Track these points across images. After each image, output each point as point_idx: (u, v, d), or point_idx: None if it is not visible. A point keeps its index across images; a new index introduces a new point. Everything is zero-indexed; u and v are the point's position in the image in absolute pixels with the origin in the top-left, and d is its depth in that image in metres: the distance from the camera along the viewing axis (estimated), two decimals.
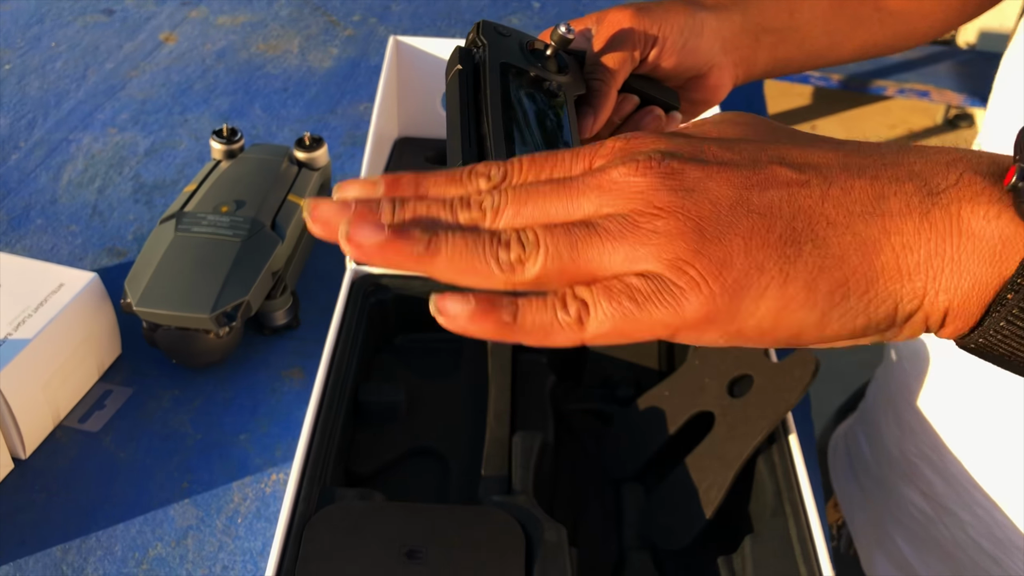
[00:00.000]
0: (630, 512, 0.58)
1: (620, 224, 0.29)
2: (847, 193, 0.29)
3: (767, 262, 0.28)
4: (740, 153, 0.31)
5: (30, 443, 0.63)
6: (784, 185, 0.29)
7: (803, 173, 0.30)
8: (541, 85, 0.50)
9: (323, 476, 0.52)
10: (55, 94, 1.00)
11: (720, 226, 0.29)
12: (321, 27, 1.15)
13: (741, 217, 0.29)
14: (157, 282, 0.65)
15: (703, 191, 0.29)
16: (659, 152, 0.30)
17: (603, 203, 0.30)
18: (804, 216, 0.29)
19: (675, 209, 0.29)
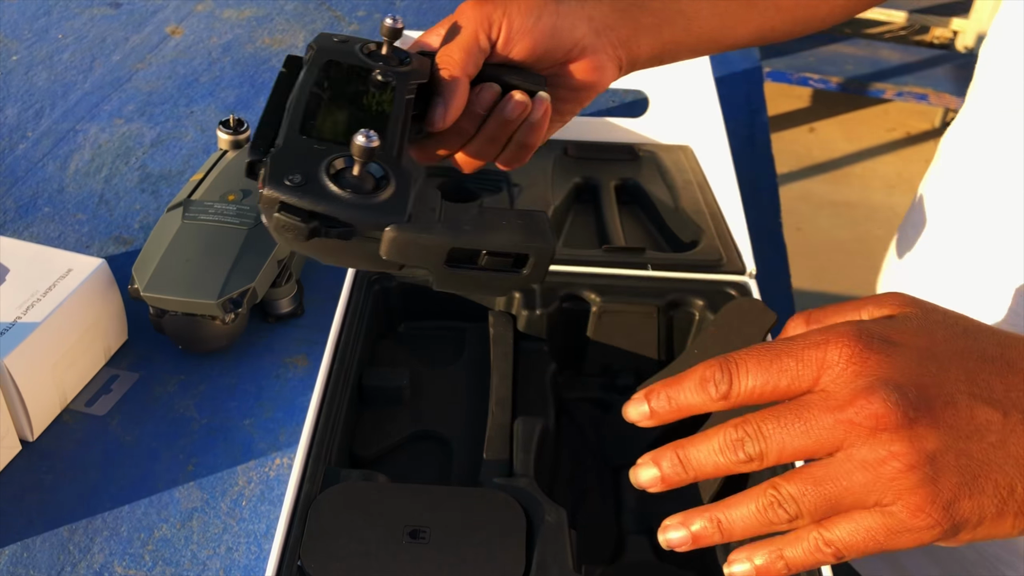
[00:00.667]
0: (629, 497, 0.59)
1: (864, 471, 0.35)
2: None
3: (987, 506, 0.35)
4: (956, 384, 0.36)
5: (38, 425, 0.64)
6: (996, 432, 0.35)
7: (1008, 418, 0.35)
8: (368, 77, 0.50)
9: (328, 457, 0.53)
10: (62, 85, 1.01)
11: (947, 478, 0.34)
12: (326, 22, 1.16)
13: (964, 468, 0.34)
14: (164, 268, 0.66)
15: (932, 441, 0.34)
16: (894, 391, 0.35)
17: (847, 442, 0.35)
18: (1014, 462, 0.35)
19: (913, 463, 0.34)
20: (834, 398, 0.35)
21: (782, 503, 0.36)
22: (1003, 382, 0.36)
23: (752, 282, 0.66)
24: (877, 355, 0.35)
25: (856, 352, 0.36)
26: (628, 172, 0.84)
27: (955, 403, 0.35)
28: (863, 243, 2.46)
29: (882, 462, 0.34)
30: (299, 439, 0.64)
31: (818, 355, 0.36)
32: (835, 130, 2.90)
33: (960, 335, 0.37)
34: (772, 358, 0.37)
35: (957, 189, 0.65)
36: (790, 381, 0.36)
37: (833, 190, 2.65)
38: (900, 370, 0.35)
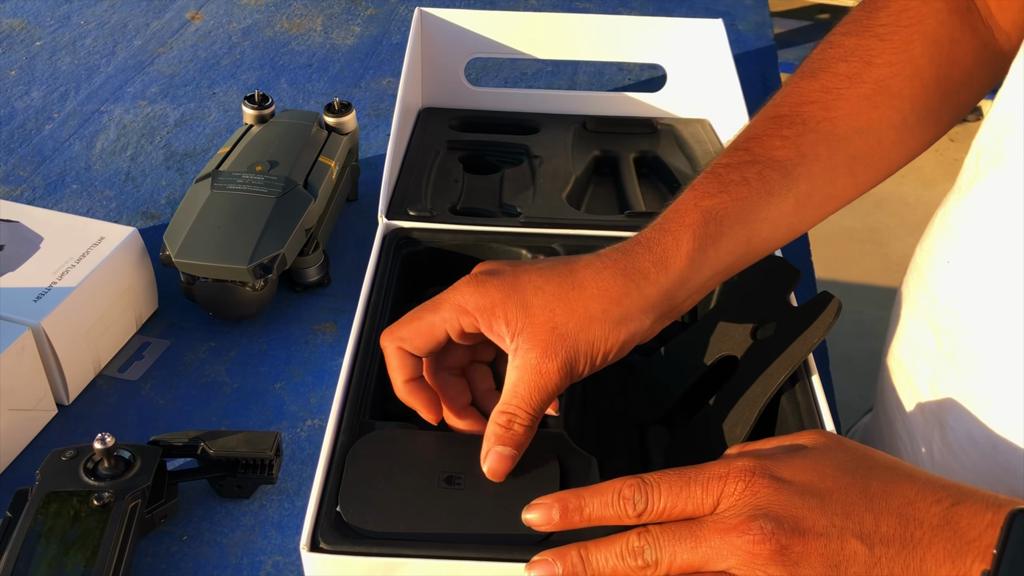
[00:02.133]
0: (656, 453, 0.60)
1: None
2: (905, 572, 0.39)
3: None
4: (831, 517, 0.40)
5: (73, 389, 0.65)
6: (863, 564, 0.39)
7: (874, 551, 0.39)
8: (87, 502, 0.53)
9: (363, 410, 0.54)
10: (86, 68, 1.02)
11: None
12: (343, 7, 1.17)
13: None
14: (195, 235, 0.67)
15: (803, 568, 0.39)
16: (771, 521, 0.40)
17: (730, 563, 0.40)
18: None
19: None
20: (724, 523, 0.41)
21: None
22: (874, 518, 0.40)
23: None
24: (765, 490, 0.41)
25: (748, 486, 0.41)
26: (647, 145, 0.85)
27: (827, 535, 0.40)
28: (874, 232, 2.46)
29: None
30: (330, 402, 0.65)
31: (719, 486, 0.42)
32: None
33: (848, 472, 0.42)
34: (683, 485, 0.42)
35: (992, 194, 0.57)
36: (695, 507, 0.42)
37: None
38: (782, 503, 0.40)
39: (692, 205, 0.51)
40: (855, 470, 0.42)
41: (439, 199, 0.73)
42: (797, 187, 0.52)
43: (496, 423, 0.48)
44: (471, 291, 0.49)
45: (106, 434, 0.54)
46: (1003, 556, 0.38)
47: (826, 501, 0.41)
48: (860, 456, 0.43)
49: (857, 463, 0.43)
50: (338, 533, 0.46)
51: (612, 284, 0.49)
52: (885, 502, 0.40)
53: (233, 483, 0.59)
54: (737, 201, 0.51)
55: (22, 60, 1.03)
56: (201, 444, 0.57)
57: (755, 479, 0.41)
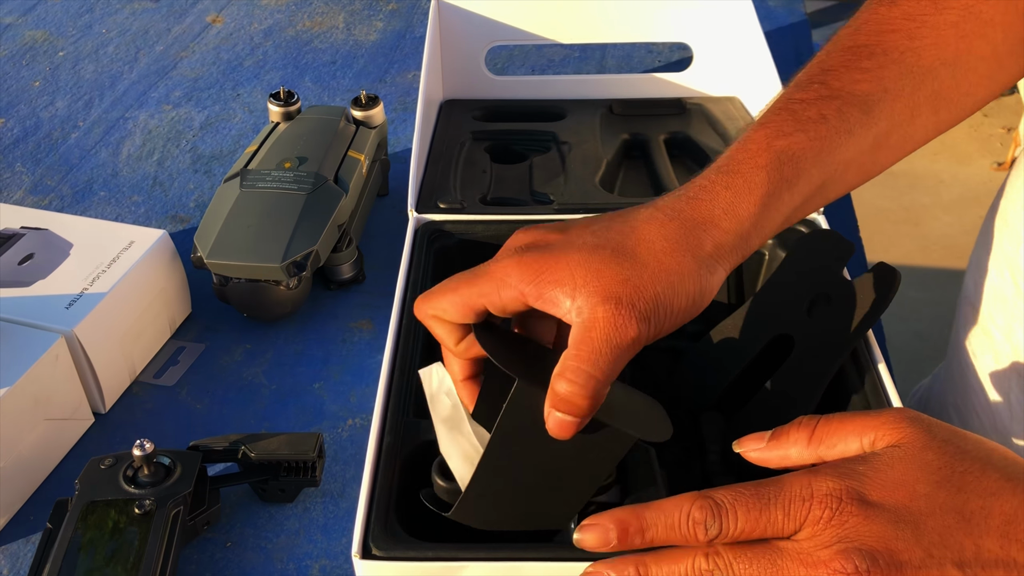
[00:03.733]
0: (711, 440, 0.57)
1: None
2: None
3: None
4: (928, 548, 0.36)
5: (109, 397, 0.64)
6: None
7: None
8: (128, 510, 0.52)
9: (405, 409, 0.52)
10: (109, 76, 1.01)
11: None
12: (364, 3, 1.15)
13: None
14: (226, 235, 0.66)
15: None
16: (866, 558, 0.35)
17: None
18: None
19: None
20: (809, 556, 0.36)
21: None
22: (974, 543, 0.36)
23: (821, 217, 0.64)
24: (855, 519, 0.36)
25: (837, 514, 0.36)
26: (676, 125, 0.82)
27: (926, 567, 0.36)
28: (909, 211, 2.41)
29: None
30: (370, 401, 0.63)
31: (803, 511, 0.36)
32: None
33: (943, 486, 0.37)
34: (762, 508, 0.37)
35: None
36: (774, 531, 0.37)
37: None
38: (876, 535, 0.36)
39: (765, 145, 0.46)
40: (950, 480, 0.37)
41: (468, 190, 0.71)
42: (877, 126, 0.48)
43: (554, 389, 0.41)
44: (514, 262, 0.42)
45: (145, 440, 0.53)
46: None
47: (921, 529, 0.36)
48: (951, 455, 0.38)
49: (950, 469, 0.38)
50: (391, 538, 0.45)
51: (680, 235, 0.43)
52: (985, 523, 0.36)
53: (276, 487, 0.57)
54: (815, 142, 0.46)
55: (46, 71, 1.02)
56: (242, 448, 0.56)
57: (843, 505, 0.36)
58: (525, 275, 0.42)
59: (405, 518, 0.47)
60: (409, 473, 0.50)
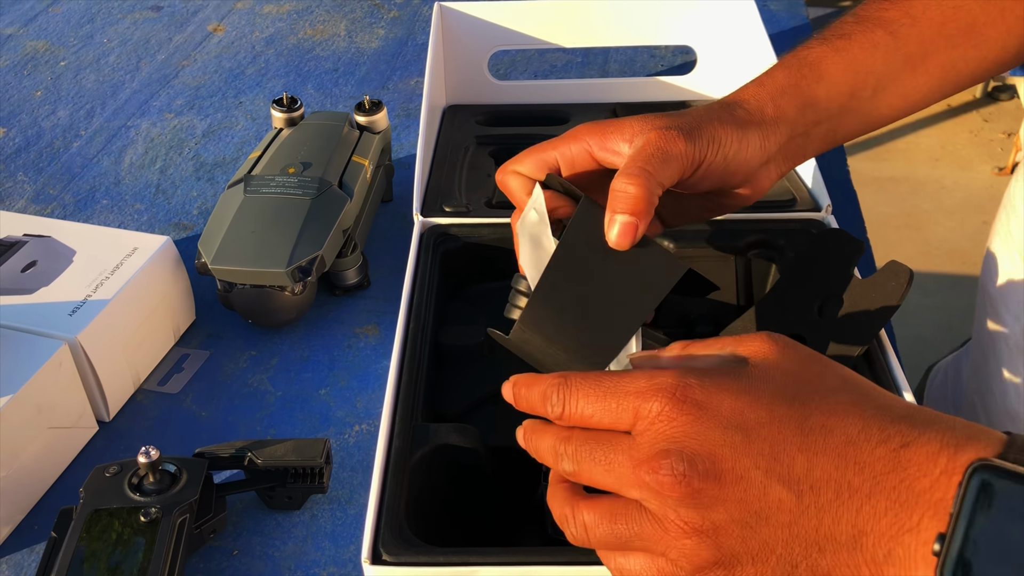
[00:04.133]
0: None
1: (654, 524, 0.36)
2: (836, 523, 0.34)
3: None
4: (755, 458, 0.35)
5: (113, 405, 0.63)
6: (787, 513, 0.34)
7: (802, 499, 0.34)
8: (134, 518, 0.51)
9: (414, 414, 0.52)
10: (111, 85, 1.01)
11: (729, 547, 0.35)
12: (366, 10, 1.15)
13: (749, 539, 0.35)
14: (230, 241, 0.65)
15: (718, 512, 0.35)
16: (683, 460, 0.35)
17: (642, 495, 0.36)
18: (800, 543, 0.34)
19: (697, 529, 0.35)
20: (637, 450, 0.36)
21: (575, 525, 0.38)
22: (807, 460, 0.35)
23: (831, 217, 0.64)
24: (684, 417, 0.36)
25: (667, 410, 0.36)
26: None
27: (748, 479, 0.35)
28: (911, 217, 2.41)
29: (669, 522, 0.35)
30: (377, 406, 0.63)
31: (635, 404, 0.37)
32: None
33: (787, 399, 0.36)
34: (601, 395, 0.38)
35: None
36: (611, 420, 0.37)
37: (876, 167, 2.60)
38: (700, 438, 0.35)
39: (788, 56, 0.52)
40: (795, 396, 0.36)
41: (473, 194, 0.71)
42: (907, 47, 0.51)
43: (613, 188, 0.45)
44: (586, 125, 0.49)
45: (150, 447, 0.52)
46: (958, 521, 0.31)
47: (752, 438, 0.35)
48: (808, 375, 0.37)
49: (800, 386, 0.36)
50: (401, 543, 0.44)
51: (722, 111, 0.49)
52: (823, 440, 0.35)
53: (283, 494, 0.57)
54: (838, 52, 0.50)
55: (47, 80, 1.02)
56: (248, 454, 0.55)
57: (675, 403, 0.36)
58: (593, 131, 0.49)
59: (415, 524, 0.47)
60: (419, 478, 0.49)
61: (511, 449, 0.54)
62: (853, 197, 0.82)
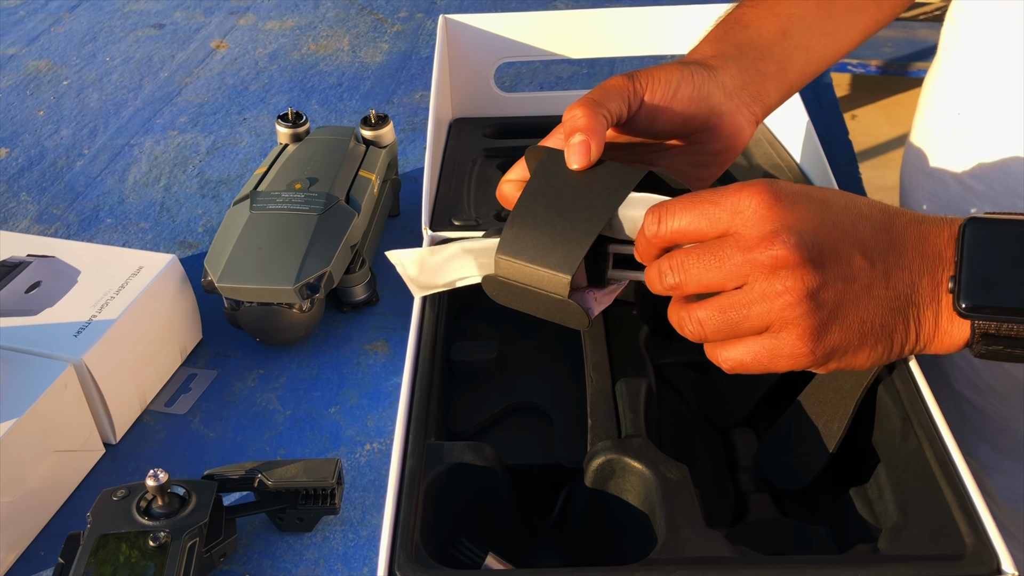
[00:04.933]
0: (743, 457, 0.55)
1: (762, 302, 0.42)
2: (899, 283, 0.43)
3: (851, 339, 0.43)
4: (841, 233, 0.42)
5: (120, 427, 0.62)
6: (865, 278, 0.42)
7: (875, 267, 0.43)
8: (142, 543, 0.50)
9: (428, 431, 0.51)
10: (114, 104, 1.00)
11: (825, 312, 0.42)
12: (369, 25, 1.15)
13: (839, 304, 0.42)
14: (237, 258, 0.64)
15: (818, 280, 0.42)
16: (794, 235, 0.41)
17: (751, 277, 0.42)
18: (875, 303, 0.43)
19: (801, 297, 0.42)
20: (744, 240, 0.42)
21: (691, 323, 0.44)
22: (875, 236, 0.43)
23: None
24: (782, 203, 0.42)
25: (764, 200, 0.42)
26: None
27: (838, 251, 0.42)
28: None
29: (777, 295, 0.41)
30: (388, 425, 0.62)
31: (733, 201, 0.42)
32: (877, 115, 2.85)
33: (847, 196, 0.44)
34: (696, 203, 0.43)
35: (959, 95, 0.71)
36: (708, 223, 0.43)
37: (880, 175, 2.59)
38: (801, 219, 0.42)
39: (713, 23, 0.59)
40: (851, 197, 0.44)
41: (482, 207, 0.70)
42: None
43: (564, 120, 0.51)
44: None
45: (159, 470, 0.51)
46: (962, 261, 0.42)
47: (837, 219, 0.42)
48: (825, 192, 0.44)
49: (848, 195, 0.45)
50: (416, 565, 0.43)
51: (665, 64, 0.54)
52: (885, 225, 0.43)
53: (294, 515, 0.55)
54: (755, 6, 0.58)
55: (50, 100, 1.01)
56: (258, 476, 0.54)
57: (770, 194, 0.42)
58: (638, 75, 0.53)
59: (431, 545, 0.45)
60: (433, 498, 0.48)
61: (528, 467, 0.53)
62: None
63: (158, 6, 1.21)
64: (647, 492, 0.48)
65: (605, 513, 0.50)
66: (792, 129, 0.75)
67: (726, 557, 0.43)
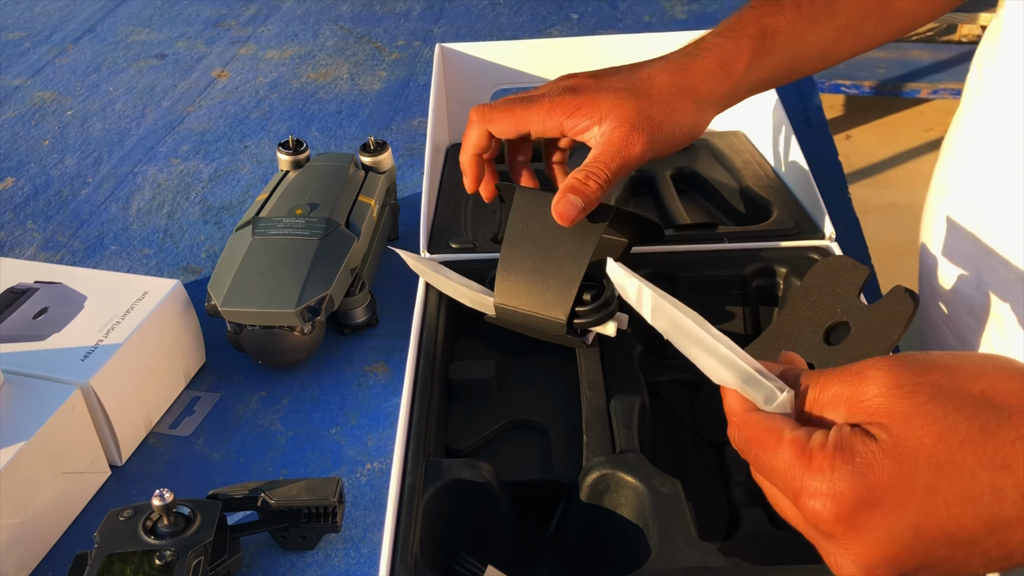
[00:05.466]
0: (735, 471, 0.57)
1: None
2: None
3: None
4: (928, 545, 0.35)
5: (126, 449, 0.63)
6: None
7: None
8: (149, 562, 0.51)
9: (426, 449, 0.52)
10: (117, 133, 1.02)
11: None
12: (367, 53, 1.17)
13: None
14: (240, 282, 0.66)
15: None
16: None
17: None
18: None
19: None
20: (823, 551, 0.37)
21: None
22: (987, 527, 0.34)
23: (834, 245, 0.64)
24: (853, 532, 0.35)
25: (833, 527, 0.36)
26: (682, 161, 0.83)
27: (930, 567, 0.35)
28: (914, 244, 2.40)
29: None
30: (388, 445, 0.63)
31: (797, 518, 0.38)
32: (872, 135, 2.87)
33: (943, 471, 0.34)
34: (772, 500, 0.39)
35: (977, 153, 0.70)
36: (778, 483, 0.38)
37: (877, 194, 2.61)
38: (875, 550, 0.35)
39: (753, 20, 0.58)
40: (949, 462, 0.34)
41: (479, 230, 0.72)
42: (836, 20, 0.60)
43: (574, 176, 0.54)
44: (559, 100, 0.56)
45: (164, 490, 0.52)
46: None
47: (921, 530, 0.34)
48: (944, 420, 0.34)
49: (946, 444, 0.34)
50: None
51: (684, 82, 0.56)
52: (998, 502, 0.33)
53: (296, 534, 0.56)
54: (789, 23, 0.58)
55: (55, 130, 1.03)
56: (261, 495, 0.55)
57: (839, 517, 0.35)
58: (567, 111, 0.55)
59: (430, 560, 0.47)
60: (432, 514, 0.49)
61: (524, 483, 0.54)
62: (856, 224, 0.83)
63: (160, 37, 1.23)
64: (641, 506, 0.49)
65: (600, 527, 0.51)
66: (780, 150, 0.77)
67: (718, 568, 0.45)
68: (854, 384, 0.37)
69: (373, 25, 1.24)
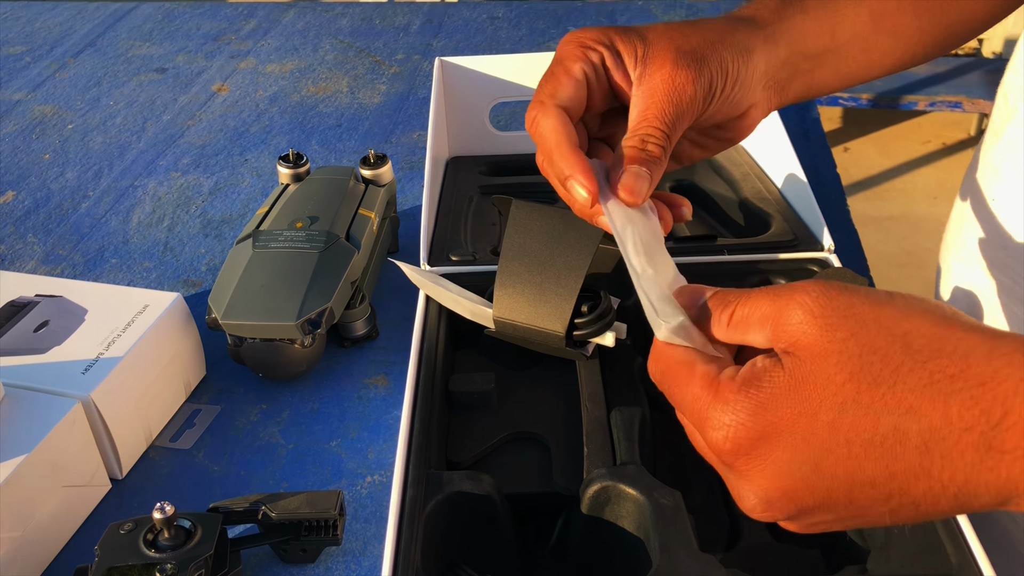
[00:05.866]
0: None
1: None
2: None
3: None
4: (827, 486, 0.35)
5: (126, 462, 0.63)
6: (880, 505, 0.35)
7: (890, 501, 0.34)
8: (150, 574, 0.51)
9: (427, 461, 0.52)
10: (117, 146, 1.03)
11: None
12: (367, 67, 1.17)
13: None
14: (240, 295, 0.66)
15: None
16: (766, 504, 0.37)
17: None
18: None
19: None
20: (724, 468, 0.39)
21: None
22: (886, 468, 0.33)
23: (833, 257, 0.65)
24: (755, 462, 0.36)
25: (734, 453, 0.37)
26: (680, 174, 0.83)
27: (825, 507, 0.36)
28: (912, 255, 2.42)
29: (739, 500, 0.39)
30: (388, 457, 0.63)
31: (706, 451, 0.40)
32: (870, 147, 2.88)
33: (848, 409, 0.34)
34: (689, 434, 0.42)
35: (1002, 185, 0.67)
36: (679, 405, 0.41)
37: (875, 206, 2.62)
38: (773, 482, 0.36)
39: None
40: (855, 401, 0.33)
41: (479, 243, 0.72)
42: (871, 3, 0.54)
43: (627, 145, 0.47)
44: (589, 32, 0.49)
45: (165, 503, 0.52)
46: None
47: (822, 467, 0.35)
48: (857, 359, 0.34)
49: (856, 384, 0.34)
50: None
51: (727, 26, 0.50)
52: (899, 445, 0.33)
53: (297, 547, 0.56)
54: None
55: (55, 143, 1.04)
56: (262, 508, 0.55)
57: (740, 448, 0.36)
58: (600, 39, 0.49)
59: (431, 573, 0.47)
60: (433, 526, 0.49)
61: (525, 495, 0.54)
62: (854, 236, 0.83)
63: (160, 51, 1.24)
64: (641, 518, 0.49)
65: (601, 539, 0.51)
66: (778, 162, 0.77)
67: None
68: (780, 306, 0.37)
69: (373, 39, 1.24)
